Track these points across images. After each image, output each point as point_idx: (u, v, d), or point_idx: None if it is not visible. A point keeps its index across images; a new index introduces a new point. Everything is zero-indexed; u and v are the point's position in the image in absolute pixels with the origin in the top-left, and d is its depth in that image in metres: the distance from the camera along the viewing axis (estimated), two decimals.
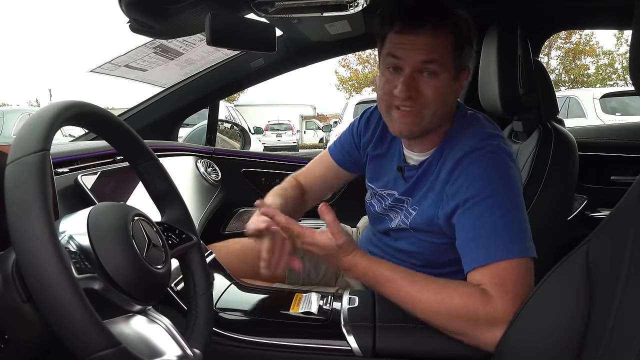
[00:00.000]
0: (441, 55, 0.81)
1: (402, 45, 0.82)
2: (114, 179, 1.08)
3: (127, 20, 0.98)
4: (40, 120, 0.49)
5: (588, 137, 1.71)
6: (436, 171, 0.89)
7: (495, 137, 0.87)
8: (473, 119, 0.92)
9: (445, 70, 0.83)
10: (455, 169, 0.84)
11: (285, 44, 1.61)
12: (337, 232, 0.80)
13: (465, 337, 0.74)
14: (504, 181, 0.81)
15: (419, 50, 0.81)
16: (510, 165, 0.84)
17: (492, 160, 0.82)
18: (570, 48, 18.26)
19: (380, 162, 1.04)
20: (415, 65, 0.82)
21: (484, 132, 0.88)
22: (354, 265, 0.81)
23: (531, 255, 0.76)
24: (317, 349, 0.80)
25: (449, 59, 0.83)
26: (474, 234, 0.78)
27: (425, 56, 0.81)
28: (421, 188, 0.92)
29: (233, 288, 0.94)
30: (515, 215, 0.78)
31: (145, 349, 0.56)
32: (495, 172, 0.81)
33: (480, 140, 0.85)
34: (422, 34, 0.81)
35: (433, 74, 0.82)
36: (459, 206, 0.81)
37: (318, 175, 1.18)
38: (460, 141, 0.87)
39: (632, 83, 0.54)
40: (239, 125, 2.65)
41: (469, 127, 0.89)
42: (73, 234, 0.54)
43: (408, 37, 0.82)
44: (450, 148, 0.88)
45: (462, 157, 0.84)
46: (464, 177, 0.82)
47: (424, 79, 0.82)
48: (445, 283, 0.77)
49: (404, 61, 0.82)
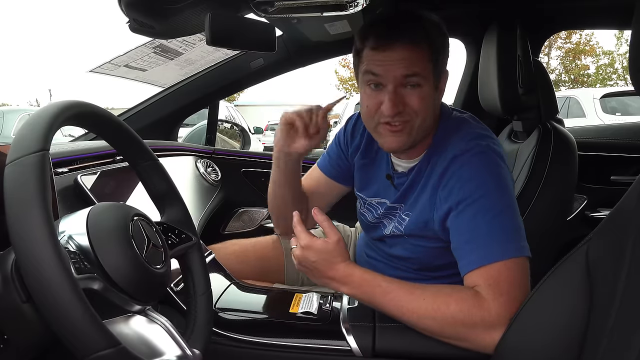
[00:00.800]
0: (421, 66, 0.81)
1: (381, 62, 0.81)
2: (113, 179, 1.08)
3: (127, 20, 0.98)
4: (40, 120, 0.49)
5: (588, 137, 1.71)
6: (426, 176, 0.89)
7: (484, 137, 0.86)
8: (459, 120, 0.92)
9: (426, 80, 0.82)
10: (447, 171, 0.84)
11: (285, 44, 1.61)
12: (329, 227, 0.80)
13: (463, 342, 0.74)
14: (495, 182, 0.80)
15: (398, 65, 0.80)
16: (500, 164, 0.83)
17: (482, 161, 0.82)
18: (570, 48, 18.27)
19: (367, 171, 1.03)
20: (397, 81, 0.81)
21: (472, 133, 0.87)
22: (350, 275, 0.79)
23: (525, 254, 0.76)
24: (317, 349, 0.80)
25: (428, 69, 0.82)
26: (468, 236, 0.78)
27: (406, 70, 0.80)
28: (413, 193, 0.92)
29: (233, 288, 0.94)
30: (508, 215, 0.78)
31: (144, 349, 0.56)
32: (486, 173, 0.81)
33: (469, 141, 0.84)
34: (398, 48, 0.80)
35: (416, 85, 0.82)
36: (452, 209, 0.81)
37: (308, 191, 1.12)
38: (449, 144, 0.86)
39: (632, 83, 0.54)
40: (239, 125, 2.64)
41: (457, 129, 0.89)
42: (72, 234, 0.54)
43: (384, 53, 0.81)
44: (440, 152, 0.87)
45: (452, 160, 0.83)
46: (455, 180, 0.82)
47: (407, 91, 0.82)
48: (439, 289, 0.76)
49: (385, 78, 0.82)
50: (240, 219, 1.85)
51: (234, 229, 1.83)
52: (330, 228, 0.81)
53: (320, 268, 0.80)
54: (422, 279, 0.95)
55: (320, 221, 0.81)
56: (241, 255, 1.19)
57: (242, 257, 1.18)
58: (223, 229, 1.82)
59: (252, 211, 1.89)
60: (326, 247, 0.80)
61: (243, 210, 1.87)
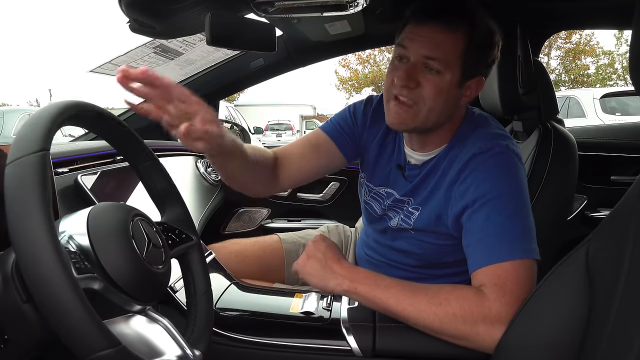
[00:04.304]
0: (446, 53, 0.80)
1: (412, 35, 0.82)
2: (114, 179, 1.08)
3: (127, 20, 0.98)
4: (40, 120, 0.49)
5: (588, 137, 1.71)
6: (442, 171, 0.88)
7: (504, 138, 0.86)
8: (480, 120, 0.92)
9: (449, 70, 0.81)
10: (465, 169, 0.83)
11: (285, 44, 1.61)
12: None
13: (463, 340, 0.73)
14: (511, 182, 0.80)
15: (423, 43, 0.80)
16: (518, 165, 0.83)
17: (500, 161, 0.82)
18: (570, 48, 18.26)
19: (379, 159, 1.01)
20: (419, 58, 0.81)
21: (492, 133, 0.87)
22: (354, 271, 0.80)
23: (535, 257, 0.76)
24: (317, 349, 0.80)
25: (455, 60, 0.80)
26: (480, 235, 0.78)
27: (428, 51, 0.80)
28: (425, 188, 0.91)
29: (233, 288, 0.94)
30: (521, 216, 0.78)
31: (145, 349, 0.56)
32: (503, 173, 0.81)
33: (489, 141, 0.84)
34: (431, 27, 0.80)
35: (434, 70, 0.81)
36: (467, 207, 0.81)
37: (299, 152, 1.01)
38: (468, 142, 0.86)
39: (632, 83, 0.54)
40: (239, 125, 2.64)
41: (478, 128, 0.89)
42: (73, 234, 0.54)
43: (418, 28, 0.81)
44: (458, 149, 0.87)
45: (471, 158, 0.83)
46: (473, 178, 0.82)
47: (425, 73, 0.81)
48: (441, 287, 0.76)
49: (409, 51, 0.82)
50: (240, 219, 1.85)
51: (234, 229, 1.83)
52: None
53: (330, 256, 0.82)
54: (423, 278, 0.95)
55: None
56: (241, 254, 1.19)
57: (242, 256, 1.18)
58: (223, 229, 1.82)
59: (252, 211, 1.89)
60: (334, 246, 0.85)
61: (243, 210, 1.87)
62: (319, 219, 1.89)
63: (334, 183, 1.85)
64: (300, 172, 1.01)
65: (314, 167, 1.02)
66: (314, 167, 1.02)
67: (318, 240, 0.86)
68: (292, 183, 1.03)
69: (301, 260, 0.85)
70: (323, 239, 0.86)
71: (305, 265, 0.84)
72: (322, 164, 1.03)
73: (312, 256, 0.84)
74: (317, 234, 0.94)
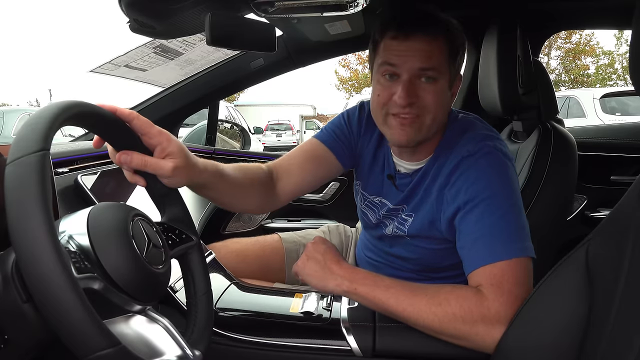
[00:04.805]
0: (438, 61, 0.81)
1: (399, 52, 0.82)
2: (113, 179, 1.08)
3: (127, 20, 0.98)
4: (40, 120, 0.49)
5: (588, 137, 1.71)
6: (432, 177, 0.89)
7: (491, 138, 0.87)
8: (466, 122, 0.92)
9: (442, 76, 0.83)
10: (455, 172, 0.84)
11: (285, 44, 1.61)
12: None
13: (462, 340, 0.73)
14: (501, 181, 0.81)
15: (416, 56, 0.80)
16: (507, 164, 0.84)
17: (489, 162, 0.82)
18: (570, 48, 18.28)
19: (372, 166, 1.02)
20: (413, 72, 0.81)
21: (479, 135, 0.87)
22: (354, 272, 0.80)
23: (530, 254, 0.76)
24: (317, 349, 0.80)
25: (445, 65, 0.83)
26: (474, 236, 0.78)
27: (423, 63, 0.81)
28: (417, 195, 0.92)
29: (233, 288, 0.94)
30: (513, 215, 0.78)
31: (145, 349, 0.56)
32: (493, 173, 0.81)
33: (477, 143, 0.85)
34: (417, 40, 0.80)
35: (431, 79, 0.82)
36: (459, 209, 0.81)
37: (297, 164, 0.99)
38: (455, 147, 0.87)
39: (632, 83, 0.54)
40: (239, 125, 2.65)
41: (464, 131, 0.89)
42: (73, 234, 0.54)
43: (404, 43, 0.81)
44: (446, 155, 0.87)
45: (460, 161, 0.84)
46: (463, 180, 0.82)
47: (422, 84, 0.82)
48: (441, 287, 0.76)
49: (401, 68, 0.82)
50: (240, 219, 1.85)
51: (234, 229, 1.83)
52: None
53: (329, 257, 0.82)
54: (423, 279, 0.95)
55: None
56: (242, 253, 1.19)
57: (242, 255, 1.18)
58: (223, 229, 1.82)
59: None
60: (333, 247, 0.85)
61: None
62: (319, 219, 1.89)
63: (334, 183, 1.86)
64: (298, 184, 0.99)
65: (312, 178, 1.00)
66: (312, 178, 1.00)
67: (317, 242, 0.86)
68: (291, 196, 0.99)
69: (301, 262, 0.85)
70: (322, 241, 0.87)
71: (304, 266, 0.84)
72: (321, 174, 1.01)
73: (311, 257, 0.84)
74: (318, 234, 0.94)
